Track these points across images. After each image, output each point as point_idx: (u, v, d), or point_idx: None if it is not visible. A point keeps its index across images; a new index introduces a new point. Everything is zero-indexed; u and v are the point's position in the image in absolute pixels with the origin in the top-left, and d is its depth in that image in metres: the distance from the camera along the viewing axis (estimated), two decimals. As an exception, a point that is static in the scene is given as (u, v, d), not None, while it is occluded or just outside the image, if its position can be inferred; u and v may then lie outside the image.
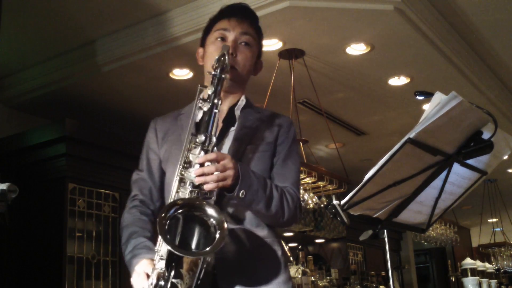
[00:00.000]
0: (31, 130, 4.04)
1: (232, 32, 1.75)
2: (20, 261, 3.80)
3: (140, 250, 1.61)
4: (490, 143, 1.55)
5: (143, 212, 1.74)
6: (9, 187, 1.70)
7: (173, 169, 1.62)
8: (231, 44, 1.72)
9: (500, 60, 4.75)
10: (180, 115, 1.81)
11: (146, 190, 1.78)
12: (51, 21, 3.74)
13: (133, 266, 1.58)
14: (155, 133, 1.82)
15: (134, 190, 1.80)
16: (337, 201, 1.53)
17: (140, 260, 1.56)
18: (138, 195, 1.78)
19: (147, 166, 1.80)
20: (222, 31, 1.76)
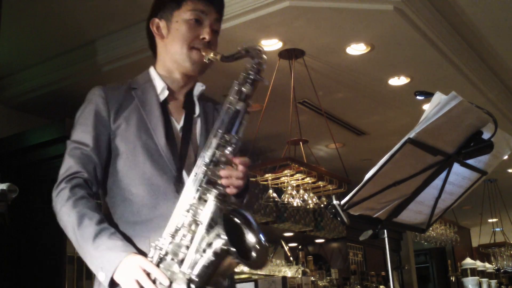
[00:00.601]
0: (31, 130, 4.04)
1: (208, 16, 1.65)
2: (20, 261, 3.80)
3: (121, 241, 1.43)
4: (490, 143, 1.55)
5: (91, 195, 1.53)
6: (9, 187, 1.70)
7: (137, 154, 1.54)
8: (209, 34, 1.63)
9: (500, 60, 4.75)
10: (132, 90, 1.66)
11: (91, 168, 1.55)
12: (51, 21, 3.74)
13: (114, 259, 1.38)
14: (106, 102, 1.61)
15: (74, 166, 1.54)
16: (337, 201, 1.53)
17: (130, 254, 1.38)
18: (82, 172, 1.53)
19: (94, 140, 1.56)
20: (198, 13, 1.64)
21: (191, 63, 1.64)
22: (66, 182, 1.52)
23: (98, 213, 1.48)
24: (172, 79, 1.69)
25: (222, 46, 1.69)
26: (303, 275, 5.15)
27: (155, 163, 1.55)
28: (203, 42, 1.63)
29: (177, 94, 1.70)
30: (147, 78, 1.70)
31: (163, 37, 1.69)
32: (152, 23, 1.71)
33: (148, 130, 1.58)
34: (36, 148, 3.90)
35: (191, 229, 1.40)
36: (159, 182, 1.53)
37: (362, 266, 7.37)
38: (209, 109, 1.73)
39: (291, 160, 3.83)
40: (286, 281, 4.74)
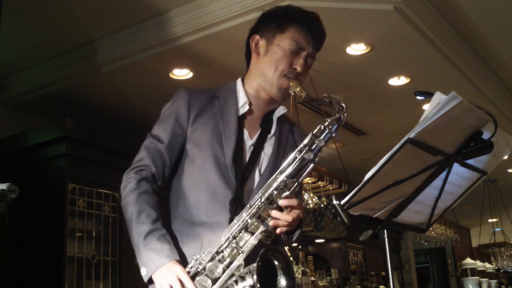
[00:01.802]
0: (31, 130, 4.04)
1: (305, 51, 1.71)
2: (20, 261, 3.80)
3: (168, 244, 1.53)
4: (490, 143, 1.55)
5: (154, 190, 1.64)
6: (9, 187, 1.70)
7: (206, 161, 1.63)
8: (301, 68, 1.69)
9: (500, 60, 4.75)
10: (216, 98, 1.74)
11: (160, 164, 1.66)
12: (51, 21, 3.74)
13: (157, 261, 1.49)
14: (188, 107, 1.70)
15: (146, 158, 1.66)
16: (337, 201, 1.54)
17: (172, 261, 1.49)
18: (151, 166, 1.65)
19: (169, 138, 1.67)
20: (297, 47, 1.70)
21: (278, 89, 1.70)
22: (135, 172, 1.64)
23: (156, 210, 1.58)
24: (256, 97, 1.75)
25: (222, 46, 1.70)
26: (303, 275, 5.15)
27: (220, 173, 1.63)
28: (294, 72, 1.69)
29: (257, 112, 1.76)
30: (232, 89, 1.77)
31: (259, 55, 1.76)
32: (252, 39, 1.79)
33: (221, 140, 1.66)
34: (36, 148, 3.90)
35: (232, 254, 1.50)
36: (221, 192, 1.62)
37: (362, 266, 7.37)
38: (285, 130, 1.79)
39: (291, 160, 3.82)
40: (286, 281, 4.73)
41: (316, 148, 1.57)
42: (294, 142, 1.79)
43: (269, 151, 1.72)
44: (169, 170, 1.68)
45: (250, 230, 1.51)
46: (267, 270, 1.41)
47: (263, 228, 1.50)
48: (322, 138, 1.58)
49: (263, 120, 1.76)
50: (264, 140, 1.72)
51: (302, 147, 1.57)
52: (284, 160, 1.60)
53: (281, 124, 1.78)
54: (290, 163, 1.56)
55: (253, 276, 1.38)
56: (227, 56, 3.89)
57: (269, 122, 1.76)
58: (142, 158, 1.66)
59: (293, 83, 1.67)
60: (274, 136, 1.74)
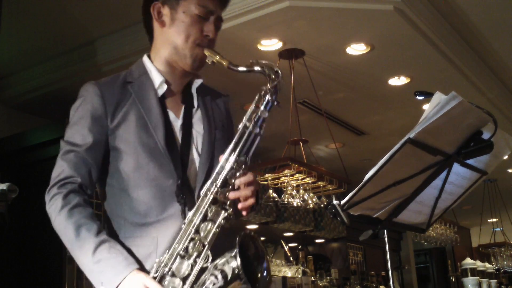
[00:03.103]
0: (31, 130, 4.04)
1: (213, 15, 1.59)
2: (20, 261, 3.80)
3: (121, 255, 1.39)
4: (490, 143, 1.55)
5: (86, 201, 1.47)
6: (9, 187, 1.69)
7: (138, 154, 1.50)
8: (213, 34, 1.58)
9: (500, 60, 4.75)
10: (128, 84, 1.59)
11: (85, 171, 1.49)
12: (51, 21, 3.74)
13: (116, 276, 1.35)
14: (103, 101, 1.53)
15: (67, 169, 1.48)
16: (337, 201, 1.53)
17: (133, 272, 1.36)
18: (75, 176, 1.47)
19: (88, 140, 1.51)
20: (205, 11, 1.57)
21: (193, 60, 1.58)
22: (58, 187, 1.47)
23: (95, 222, 1.44)
24: (170, 72, 1.62)
25: (222, 46, 1.68)
26: (303, 275, 5.15)
27: (158, 164, 1.50)
28: (207, 40, 1.58)
29: (175, 88, 1.64)
30: (142, 70, 1.63)
31: (163, 25, 1.61)
32: (153, 7, 1.64)
33: (148, 129, 1.52)
34: (36, 148, 3.90)
35: (196, 247, 1.40)
36: (165, 183, 1.50)
37: (362, 266, 7.38)
38: (208, 101, 1.68)
39: (291, 160, 3.83)
40: (286, 281, 4.75)
41: (260, 120, 1.46)
42: (218, 109, 1.69)
43: (200, 127, 1.60)
44: (96, 175, 1.52)
45: (210, 218, 1.41)
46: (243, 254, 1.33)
47: (224, 214, 1.42)
48: (264, 109, 1.45)
49: (183, 95, 1.64)
50: (191, 117, 1.61)
51: (246, 120, 1.45)
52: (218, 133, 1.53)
53: (202, 95, 1.66)
54: (238, 141, 1.43)
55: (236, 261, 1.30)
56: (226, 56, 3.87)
57: (190, 96, 1.64)
58: (62, 170, 1.48)
59: (209, 52, 1.54)
60: (200, 109, 1.63)
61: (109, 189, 1.56)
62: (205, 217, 1.41)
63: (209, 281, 1.35)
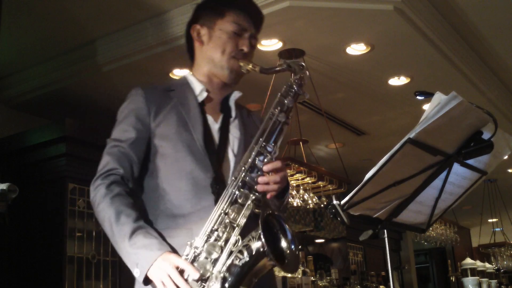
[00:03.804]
0: (31, 130, 4.04)
1: (247, 32, 1.74)
2: (20, 261, 3.80)
3: (156, 239, 1.47)
4: (490, 143, 1.55)
5: (127, 192, 1.57)
6: (9, 187, 1.70)
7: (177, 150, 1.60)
8: (247, 48, 1.72)
9: (500, 60, 4.75)
10: (170, 91, 1.72)
11: (127, 165, 1.60)
12: (51, 21, 3.74)
13: (149, 257, 1.43)
14: (146, 103, 1.67)
15: (111, 162, 1.59)
16: (337, 201, 1.54)
17: (165, 253, 1.43)
18: (118, 169, 1.59)
19: (132, 137, 1.62)
20: (240, 28, 1.72)
21: (230, 71, 1.71)
22: (102, 178, 1.58)
23: (135, 210, 1.53)
24: (209, 84, 1.75)
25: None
26: (303, 275, 5.15)
27: (195, 159, 1.60)
28: (241, 53, 1.71)
29: (214, 98, 1.75)
30: (184, 81, 1.77)
31: (202, 43, 1.76)
32: (193, 29, 1.79)
33: (187, 127, 1.63)
34: (36, 148, 3.90)
35: (226, 230, 1.46)
36: (200, 176, 1.58)
37: (362, 266, 7.38)
38: (245, 114, 1.81)
39: (291, 160, 3.83)
40: (286, 281, 4.74)
41: (286, 109, 1.58)
42: (254, 124, 1.80)
43: (236, 133, 1.71)
44: (138, 169, 1.63)
45: (240, 202, 1.49)
46: (268, 233, 1.39)
47: (253, 197, 1.49)
48: (291, 98, 1.59)
49: (222, 106, 1.76)
50: (228, 123, 1.72)
51: (272, 110, 1.58)
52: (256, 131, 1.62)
53: (239, 109, 1.79)
54: (265, 128, 1.56)
55: (260, 238, 1.36)
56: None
57: (228, 107, 1.76)
58: (107, 163, 1.60)
59: (243, 62, 1.69)
60: (237, 119, 1.75)
61: (147, 183, 1.65)
62: (235, 200, 1.49)
63: (236, 258, 1.40)
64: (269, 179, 1.51)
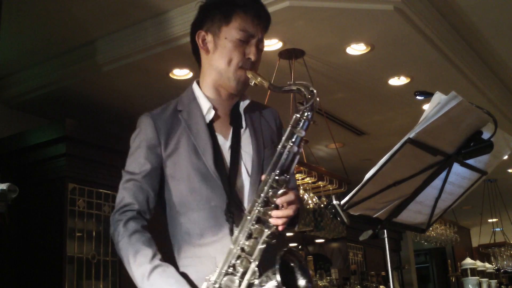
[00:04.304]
0: (31, 130, 4.04)
1: (254, 38, 1.66)
2: (20, 261, 3.80)
3: (173, 278, 1.49)
4: (490, 143, 1.55)
5: (144, 226, 1.59)
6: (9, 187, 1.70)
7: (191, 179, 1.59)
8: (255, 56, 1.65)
9: (500, 60, 4.75)
10: (178, 112, 1.69)
11: (143, 198, 1.61)
12: (51, 21, 3.74)
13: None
14: (156, 131, 1.64)
15: (127, 197, 1.61)
16: (337, 201, 1.53)
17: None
18: (133, 204, 1.60)
19: (145, 168, 1.62)
20: (246, 35, 1.65)
21: (237, 83, 1.66)
22: (119, 214, 1.60)
23: (151, 247, 1.54)
24: (216, 96, 1.71)
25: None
26: (303, 275, 5.14)
27: (210, 186, 1.59)
28: (249, 62, 1.65)
29: (222, 111, 1.71)
30: (191, 97, 1.72)
31: (208, 52, 1.70)
32: (198, 36, 1.73)
33: (198, 153, 1.61)
34: (36, 148, 3.90)
35: (243, 265, 1.47)
36: (218, 204, 1.58)
37: (362, 266, 7.38)
38: (257, 119, 1.75)
39: (291, 160, 3.82)
40: (286, 281, 4.73)
41: (298, 140, 1.53)
42: (268, 126, 1.75)
43: (249, 148, 1.67)
44: (153, 200, 1.63)
45: (255, 236, 1.49)
46: (284, 270, 1.40)
47: (267, 231, 1.49)
48: (301, 128, 1.53)
49: (231, 117, 1.71)
50: (239, 137, 1.67)
51: (284, 141, 1.52)
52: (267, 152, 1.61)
53: (250, 114, 1.73)
54: (277, 160, 1.52)
55: (276, 277, 1.37)
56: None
57: (238, 117, 1.71)
58: (123, 197, 1.61)
59: (251, 74, 1.62)
60: (248, 129, 1.69)
61: (168, 214, 1.66)
62: (250, 235, 1.49)
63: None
64: (283, 214, 1.49)
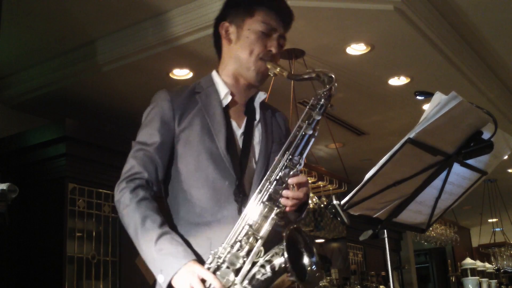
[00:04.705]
0: (31, 130, 4.04)
1: (276, 32, 1.71)
2: (20, 261, 3.80)
3: (181, 246, 1.48)
4: (490, 143, 1.55)
5: (152, 196, 1.58)
6: (9, 187, 1.70)
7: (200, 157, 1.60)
8: (276, 49, 1.69)
9: (500, 60, 4.75)
10: (196, 93, 1.71)
11: (152, 168, 1.61)
12: (51, 21, 3.74)
13: (174, 264, 1.45)
14: (172, 106, 1.66)
15: (136, 166, 1.60)
16: (337, 201, 1.54)
17: (190, 262, 1.45)
18: (143, 172, 1.59)
19: (157, 141, 1.62)
20: (269, 28, 1.70)
21: (256, 73, 1.69)
22: (127, 182, 1.58)
23: (160, 215, 1.53)
24: (235, 85, 1.73)
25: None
26: (303, 275, 5.14)
27: (217, 167, 1.60)
28: (269, 54, 1.69)
29: (239, 100, 1.74)
30: (210, 82, 1.75)
31: (230, 42, 1.74)
32: (221, 26, 1.76)
33: (211, 134, 1.63)
34: (36, 148, 3.90)
35: (249, 242, 1.47)
36: (222, 186, 1.59)
37: (362, 266, 7.38)
38: (269, 116, 1.78)
39: (291, 160, 3.82)
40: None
41: (314, 122, 1.57)
42: (278, 126, 1.79)
43: (259, 139, 1.70)
44: (162, 173, 1.63)
45: (264, 214, 1.49)
46: (291, 248, 1.41)
47: (277, 210, 1.49)
48: (318, 111, 1.57)
49: (247, 108, 1.75)
50: (252, 128, 1.71)
51: (300, 123, 1.57)
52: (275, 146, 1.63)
53: (264, 110, 1.77)
54: (292, 141, 1.55)
55: (283, 255, 1.38)
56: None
57: (252, 109, 1.74)
58: (132, 166, 1.60)
59: (271, 65, 1.66)
60: (260, 123, 1.73)
61: (171, 188, 1.66)
62: (259, 212, 1.49)
63: (258, 272, 1.42)
64: (293, 195, 1.51)
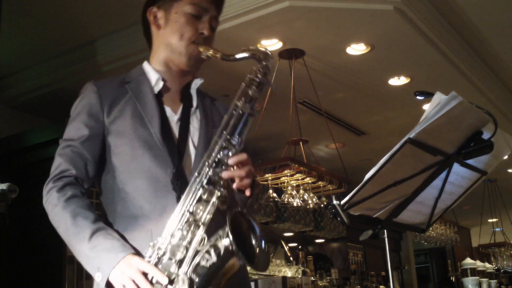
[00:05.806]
0: (31, 130, 4.04)
1: (207, 13, 1.61)
2: (20, 261, 3.80)
3: (118, 240, 1.38)
4: (490, 143, 1.55)
5: (82, 193, 1.47)
6: (9, 187, 1.70)
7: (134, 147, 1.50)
8: (208, 31, 1.59)
9: (500, 60, 4.75)
10: (125, 83, 1.61)
11: (81, 164, 1.49)
12: (51, 21, 3.74)
13: (111, 260, 1.34)
14: (99, 98, 1.54)
15: (63, 164, 1.49)
16: (337, 201, 1.53)
17: (128, 255, 1.34)
18: (71, 170, 1.48)
19: (85, 134, 1.51)
20: (199, 10, 1.59)
21: (188, 58, 1.59)
22: (54, 181, 1.48)
23: (92, 211, 1.43)
24: (167, 72, 1.64)
25: (222, 45, 1.68)
26: (303, 275, 5.15)
27: (153, 155, 1.49)
28: (201, 37, 1.59)
29: (173, 87, 1.64)
30: (140, 71, 1.67)
31: (159, 27, 1.65)
32: (149, 12, 1.69)
33: (143, 121, 1.52)
34: (36, 148, 3.90)
35: (191, 229, 1.36)
36: (159, 174, 1.48)
37: (362, 266, 7.38)
38: (208, 103, 1.68)
39: (291, 160, 3.83)
40: (286, 281, 4.74)
41: (252, 100, 1.46)
42: (219, 113, 1.68)
43: (197, 124, 1.60)
44: (93, 168, 1.51)
45: (205, 199, 1.38)
46: (235, 232, 1.30)
47: (218, 193, 1.38)
48: (256, 88, 1.46)
49: (182, 95, 1.64)
50: (189, 114, 1.60)
51: (236, 101, 1.45)
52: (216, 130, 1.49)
53: (201, 97, 1.66)
54: (229, 120, 1.44)
55: (228, 236, 1.27)
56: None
57: (189, 96, 1.64)
58: (59, 164, 1.50)
59: (203, 47, 1.56)
60: (198, 109, 1.63)
61: (104, 184, 1.55)
62: (200, 198, 1.39)
63: (203, 258, 1.31)
64: (234, 174, 1.41)
